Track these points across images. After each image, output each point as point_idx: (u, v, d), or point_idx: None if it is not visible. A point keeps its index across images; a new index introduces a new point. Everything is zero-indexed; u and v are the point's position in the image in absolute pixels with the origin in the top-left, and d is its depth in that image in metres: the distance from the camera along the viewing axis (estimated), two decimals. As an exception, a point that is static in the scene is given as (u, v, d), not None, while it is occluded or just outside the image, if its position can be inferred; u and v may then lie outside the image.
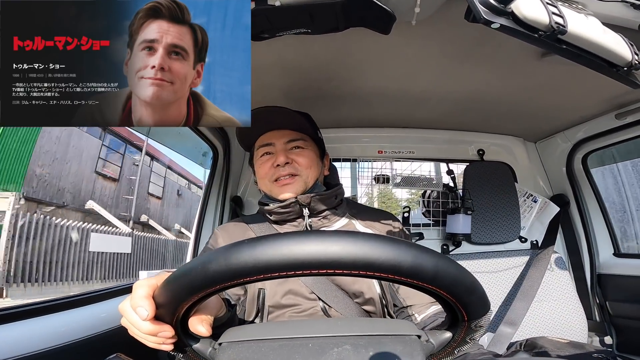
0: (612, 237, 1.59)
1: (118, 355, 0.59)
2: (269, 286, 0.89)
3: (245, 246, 0.38)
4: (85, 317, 0.89)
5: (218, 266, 0.38)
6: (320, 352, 0.44)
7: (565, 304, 1.49)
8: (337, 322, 0.53)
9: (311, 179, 0.97)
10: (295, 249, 0.37)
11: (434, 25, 0.81)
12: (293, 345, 0.46)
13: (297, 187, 0.95)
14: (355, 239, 0.37)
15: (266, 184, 0.98)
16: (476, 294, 0.42)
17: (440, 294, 0.41)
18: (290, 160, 0.95)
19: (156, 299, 0.44)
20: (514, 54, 0.97)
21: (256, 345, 0.47)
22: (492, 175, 1.63)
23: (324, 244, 0.37)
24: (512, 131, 1.72)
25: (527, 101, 1.32)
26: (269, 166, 0.96)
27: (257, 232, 0.99)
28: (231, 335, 0.50)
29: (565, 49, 0.53)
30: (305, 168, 0.96)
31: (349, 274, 0.38)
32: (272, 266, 0.37)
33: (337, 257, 0.36)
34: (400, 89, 1.24)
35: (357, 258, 0.36)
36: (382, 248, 0.37)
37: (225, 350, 0.47)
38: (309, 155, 0.99)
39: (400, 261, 0.37)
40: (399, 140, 1.71)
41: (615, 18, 0.61)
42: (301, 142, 0.99)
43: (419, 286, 0.40)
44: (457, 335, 0.46)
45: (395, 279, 0.38)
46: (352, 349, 0.44)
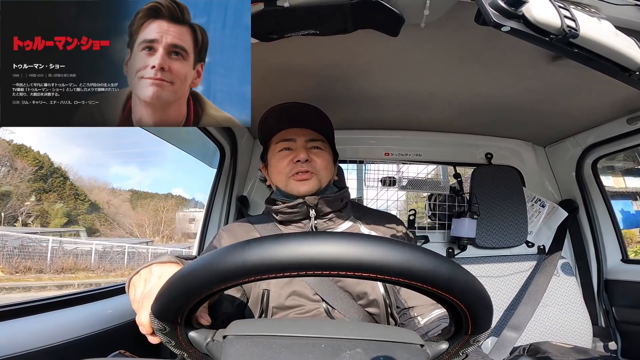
0: (620, 242, 1.57)
1: (121, 352, 0.59)
2: (273, 287, 0.89)
3: (236, 248, 0.38)
4: (89, 314, 0.89)
5: (210, 269, 0.39)
6: (333, 353, 0.44)
7: (570, 309, 1.48)
8: (347, 325, 0.53)
9: (325, 180, 0.98)
10: (320, 251, 0.37)
11: (442, 28, 0.81)
12: (306, 344, 0.45)
13: (313, 184, 0.95)
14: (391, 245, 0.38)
15: (282, 179, 0.98)
16: (489, 311, 0.43)
17: (457, 306, 0.42)
18: (310, 159, 0.96)
19: (155, 315, 0.44)
20: (523, 57, 0.96)
21: (267, 341, 0.46)
22: (500, 179, 1.62)
23: (345, 247, 0.37)
24: (521, 135, 1.71)
25: (537, 105, 1.31)
26: (288, 161, 0.97)
27: (262, 232, 0.99)
28: (238, 329, 0.48)
29: (577, 52, 0.52)
30: (322, 169, 0.97)
31: (369, 277, 0.38)
32: (275, 267, 0.37)
33: (360, 261, 0.37)
34: (408, 91, 1.24)
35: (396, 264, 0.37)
36: (429, 261, 0.38)
37: (232, 344, 0.45)
38: (326, 157, 1.00)
39: (437, 273, 0.38)
40: (405, 142, 1.70)
41: (628, 22, 0.60)
42: (320, 144, 1.00)
43: (437, 294, 0.40)
44: (452, 348, 0.48)
45: (429, 289, 0.39)
46: (364, 352, 0.44)
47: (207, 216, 1.48)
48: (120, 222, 24.59)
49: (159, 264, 0.58)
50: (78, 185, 25.30)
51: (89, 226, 22.81)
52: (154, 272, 0.57)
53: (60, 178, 23.93)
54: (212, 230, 1.47)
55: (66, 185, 24.11)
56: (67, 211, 22.90)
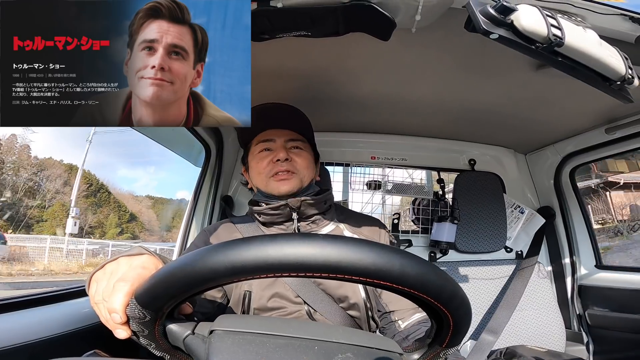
0: (594, 249, 1.63)
1: (96, 352, 0.57)
2: (255, 289, 0.88)
3: (221, 248, 0.38)
4: (64, 313, 0.86)
5: (196, 268, 0.38)
6: (326, 356, 0.44)
7: (545, 314, 1.52)
8: (338, 329, 0.53)
9: (307, 179, 0.98)
10: (288, 251, 0.37)
11: (433, 34, 0.82)
12: (299, 345, 0.45)
13: (294, 184, 0.95)
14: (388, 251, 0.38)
15: (262, 180, 0.98)
16: (468, 325, 0.45)
17: (444, 315, 0.43)
18: (290, 158, 0.96)
19: (139, 300, 0.43)
20: (510, 66, 0.99)
21: (259, 339, 0.45)
22: (482, 186, 1.66)
23: (327, 249, 0.37)
24: (503, 142, 1.75)
25: (520, 113, 1.34)
26: (268, 161, 0.97)
27: (245, 233, 0.99)
28: (227, 324, 0.47)
29: (560, 61, 0.54)
30: (303, 168, 0.98)
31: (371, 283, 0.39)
32: (249, 268, 0.37)
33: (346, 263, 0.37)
34: (396, 95, 1.25)
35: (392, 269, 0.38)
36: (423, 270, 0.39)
37: (223, 339, 0.44)
38: (307, 156, 1.00)
39: (426, 280, 0.39)
40: (392, 146, 1.72)
41: (612, 31, 0.62)
42: (300, 143, 1.00)
43: (427, 302, 0.42)
44: (422, 358, 0.50)
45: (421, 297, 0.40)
46: (354, 358, 0.45)
47: (191, 216, 1.45)
48: (152, 229, 27.06)
49: (127, 257, 0.56)
50: (119, 199, 28.15)
51: (133, 233, 25.74)
52: (123, 262, 0.55)
53: (105, 193, 27.19)
54: (195, 229, 1.44)
55: (110, 199, 27.09)
56: (117, 222, 25.95)
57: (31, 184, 23.88)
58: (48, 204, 22.96)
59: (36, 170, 24.12)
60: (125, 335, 0.47)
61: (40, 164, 25.22)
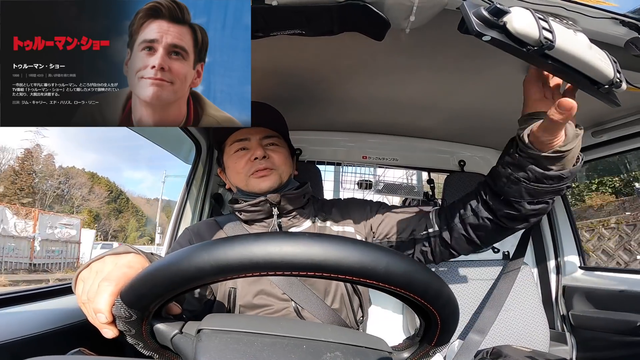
0: (579, 250, 1.66)
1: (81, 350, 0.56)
2: (240, 286, 0.88)
3: (206, 247, 0.38)
4: (49, 311, 0.85)
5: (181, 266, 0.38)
6: (314, 355, 0.44)
7: (530, 314, 1.54)
8: (327, 328, 0.54)
9: (286, 175, 0.99)
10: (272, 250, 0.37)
11: (425, 35, 0.82)
12: (288, 344, 0.45)
13: (274, 180, 0.95)
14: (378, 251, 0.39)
15: (242, 179, 0.98)
16: (456, 323, 0.46)
17: (431, 313, 0.44)
18: (267, 155, 0.96)
19: (125, 300, 0.43)
20: (501, 68, 1.00)
21: (247, 338, 0.45)
22: (471, 187, 1.66)
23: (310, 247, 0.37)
24: (493, 144, 1.77)
25: (509, 115, 1.34)
26: (246, 160, 0.97)
27: (228, 232, 0.99)
28: (214, 323, 0.47)
29: (550, 64, 0.55)
30: (281, 164, 0.98)
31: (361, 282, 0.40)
32: (232, 267, 0.37)
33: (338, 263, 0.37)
34: (389, 95, 1.26)
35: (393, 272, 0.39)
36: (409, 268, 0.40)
37: (210, 338, 0.44)
38: (284, 152, 1.01)
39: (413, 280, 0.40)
40: (383, 146, 1.73)
41: (603, 34, 0.63)
42: (276, 140, 1.01)
43: (418, 302, 0.42)
44: (412, 356, 0.51)
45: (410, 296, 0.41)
46: (343, 356, 0.45)
47: (180, 213, 1.44)
48: (164, 232, 28.46)
49: (113, 255, 0.56)
50: (136, 204, 30.07)
51: (152, 236, 27.34)
52: (109, 261, 0.55)
53: (124, 199, 28.64)
54: (184, 226, 1.42)
55: (129, 205, 28.52)
56: (137, 226, 27.52)
57: (59, 191, 25.79)
58: (76, 210, 24.05)
59: (64, 179, 25.95)
60: (112, 334, 0.47)
61: (65, 172, 27.22)
